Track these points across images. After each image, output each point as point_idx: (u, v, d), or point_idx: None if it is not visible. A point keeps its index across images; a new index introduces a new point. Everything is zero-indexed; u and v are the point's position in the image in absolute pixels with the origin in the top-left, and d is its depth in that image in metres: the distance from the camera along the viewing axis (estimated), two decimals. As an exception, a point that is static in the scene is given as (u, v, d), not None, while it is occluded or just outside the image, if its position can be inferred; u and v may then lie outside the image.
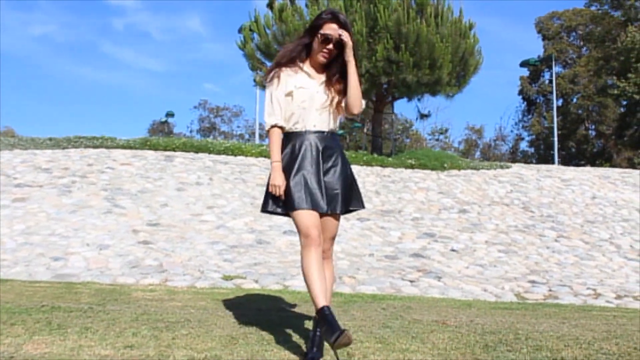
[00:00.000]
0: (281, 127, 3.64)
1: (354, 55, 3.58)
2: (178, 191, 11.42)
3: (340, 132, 52.40)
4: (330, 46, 3.58)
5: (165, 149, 14.69)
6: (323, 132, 3.63)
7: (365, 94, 19.03)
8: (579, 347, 3.81)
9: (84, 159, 13.12)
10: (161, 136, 26.87)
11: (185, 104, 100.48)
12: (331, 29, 3.57)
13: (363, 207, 3.74)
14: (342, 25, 3.58)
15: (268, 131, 3.67)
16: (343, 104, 3.67)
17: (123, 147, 14.71)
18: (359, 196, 3.73)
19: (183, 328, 4.15)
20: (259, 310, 5.10)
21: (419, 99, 20.31)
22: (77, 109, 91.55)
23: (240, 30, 21.74)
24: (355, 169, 14.25)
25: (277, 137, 3.65)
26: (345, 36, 3.52)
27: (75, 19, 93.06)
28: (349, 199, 3.65)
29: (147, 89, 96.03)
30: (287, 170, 3.56)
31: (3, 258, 7.74)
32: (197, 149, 14.88)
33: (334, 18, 3.61)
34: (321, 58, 3.62)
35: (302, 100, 3.60)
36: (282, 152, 3.62)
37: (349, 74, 3.56)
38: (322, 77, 3.67)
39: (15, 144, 14.56)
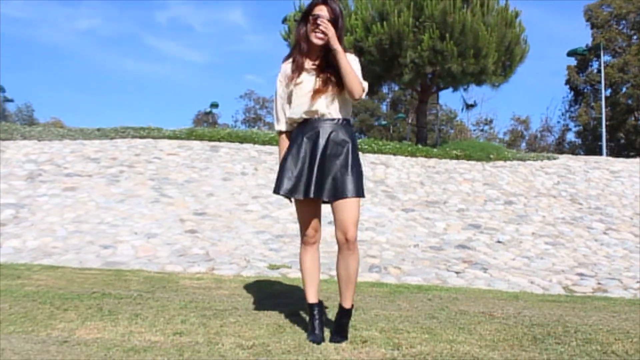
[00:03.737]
0: (287, 132, 3.80)
1: (340, 40, 3.61)
2: (224, 181, 11.52)
3: (384, 122, 52.35)
4: (317, 23, 3.60)
5: (210, 140, 14.82)
6: (334, 119, 3.65)
7: (410, 84, 19.08)
8: (629, 341, 3.76)
9: (131, 149, 13.32)
10: (206, 126, 27.12)
11: (228, 95, 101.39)
12: (321, 9, 3.62)
13: (352, 195, 3.54)
14: (330, 8, 3.63)
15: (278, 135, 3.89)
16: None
17: (169, 137, 14.88)
18: (347, 184, 3.56)
19: (231, 316, 4.20)
20: (305, 300, 5.13)
21: (464, 89, 20.12)
22: (122, 100, 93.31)
23: (284, 21, 21.77)
24: (400, 159, 14.21)
25: (284, 143, 3.81)
26: (324, 24, 3.55)
27: (120, 12, 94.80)
28: (338, 186, 3.56)
29: (190, 80, 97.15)
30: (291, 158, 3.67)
31: (55, 245, 7.91)
32: (242, 140, 14.98)
33: (323, 1, 3.67)
34: (316, 40, 3.61)
35: (302, 94, 3.65)
36: (294, 140, 3.71)
37: (338, 60, 3.55)
38: (316, 65, 3.69)
39: (64, 134, 14.85)
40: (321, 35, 3.58)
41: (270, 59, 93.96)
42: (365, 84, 3.65)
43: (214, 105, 48.23)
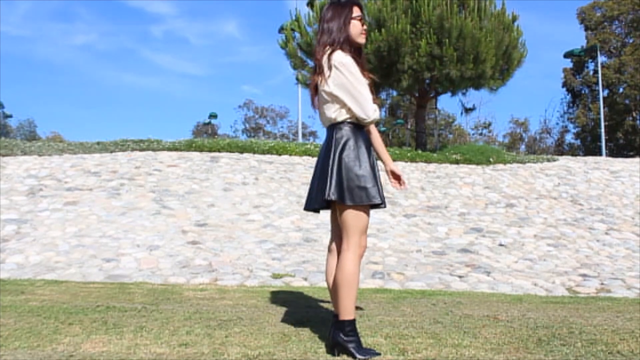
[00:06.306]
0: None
1: None
2: (224, 191, 11.53)
3: (383, 129, 52.40)
4: (365, 27, 3.68)
5: (210, 150, 14.83)
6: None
7: (408, 90, 19.09)
8: (635, 341, 3.76)
9: (131, 162, 13.33)
10: (205, 137, 27.19)
11: (226, 105, 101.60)
12: (358, 11, 3.64)
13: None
14: (361, 9, 3.70)
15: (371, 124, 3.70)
16: None
17: (169, 149, 14.89)
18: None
19: (236, 326, 4.20)
20: (310, 308, 5.13)
21: (463, 93, 20.14)
22: (121, 113, 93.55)
23: (281, 30, 21.89)
24: (400, 165, 14.22)
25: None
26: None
27: (115, 27, 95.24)
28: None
29: (188, 92, 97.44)
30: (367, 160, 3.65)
31: (57, 260, 7.92)
32: (242, 149, 14.99)
33: (356, 3, 3.68)
34: (363, 40, 3.66)
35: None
36: (357, 142, 3.62)
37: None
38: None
39: (64, 148, 14.86)
40: (365, 37, 3.67)
41: (266, 69, 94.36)
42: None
43: (213, 115, 48.27)
